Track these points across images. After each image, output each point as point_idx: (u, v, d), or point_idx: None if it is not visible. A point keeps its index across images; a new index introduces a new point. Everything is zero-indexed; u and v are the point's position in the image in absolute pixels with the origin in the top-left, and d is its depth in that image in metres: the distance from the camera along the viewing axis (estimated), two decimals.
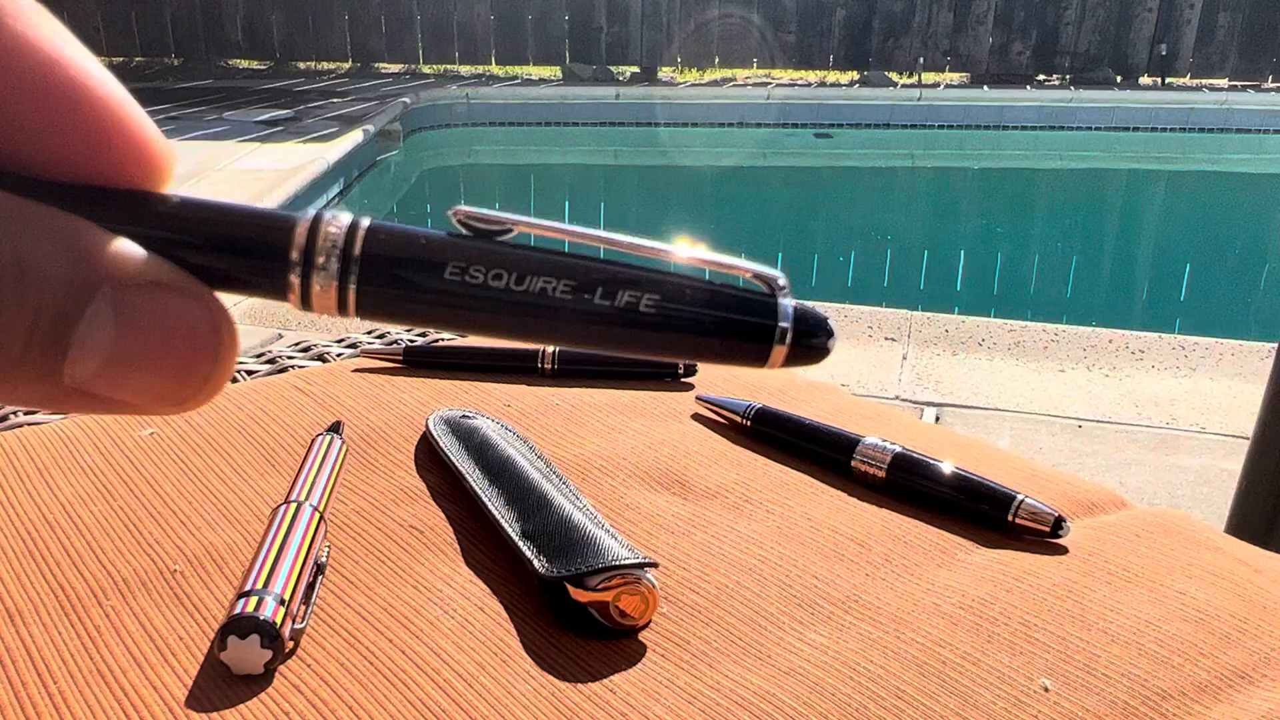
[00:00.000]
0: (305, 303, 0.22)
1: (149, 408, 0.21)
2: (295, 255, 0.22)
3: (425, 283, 0.22)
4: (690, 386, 0.95)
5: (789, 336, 0.23)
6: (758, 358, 0.24)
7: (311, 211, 0.22)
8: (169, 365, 0.21)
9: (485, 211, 0.23)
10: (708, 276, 0.24)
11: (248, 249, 0.22)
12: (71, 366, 0.20)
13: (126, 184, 0.22)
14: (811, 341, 0.23)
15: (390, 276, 0.22)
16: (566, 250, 0.23)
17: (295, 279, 0.22)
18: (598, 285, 0.23)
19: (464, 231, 0.23)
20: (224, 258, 0.22)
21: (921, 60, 10.22)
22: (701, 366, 0.96)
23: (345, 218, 0.22)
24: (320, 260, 0.22)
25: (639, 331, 0.23)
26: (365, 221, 0.22)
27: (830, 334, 0.24)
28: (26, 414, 0.92)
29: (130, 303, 0.20)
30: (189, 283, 0.21)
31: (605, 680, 0.56)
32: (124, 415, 0.24)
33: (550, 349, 0.96)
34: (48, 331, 0.20)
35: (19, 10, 0.20)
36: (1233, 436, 2.95)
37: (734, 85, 10.19)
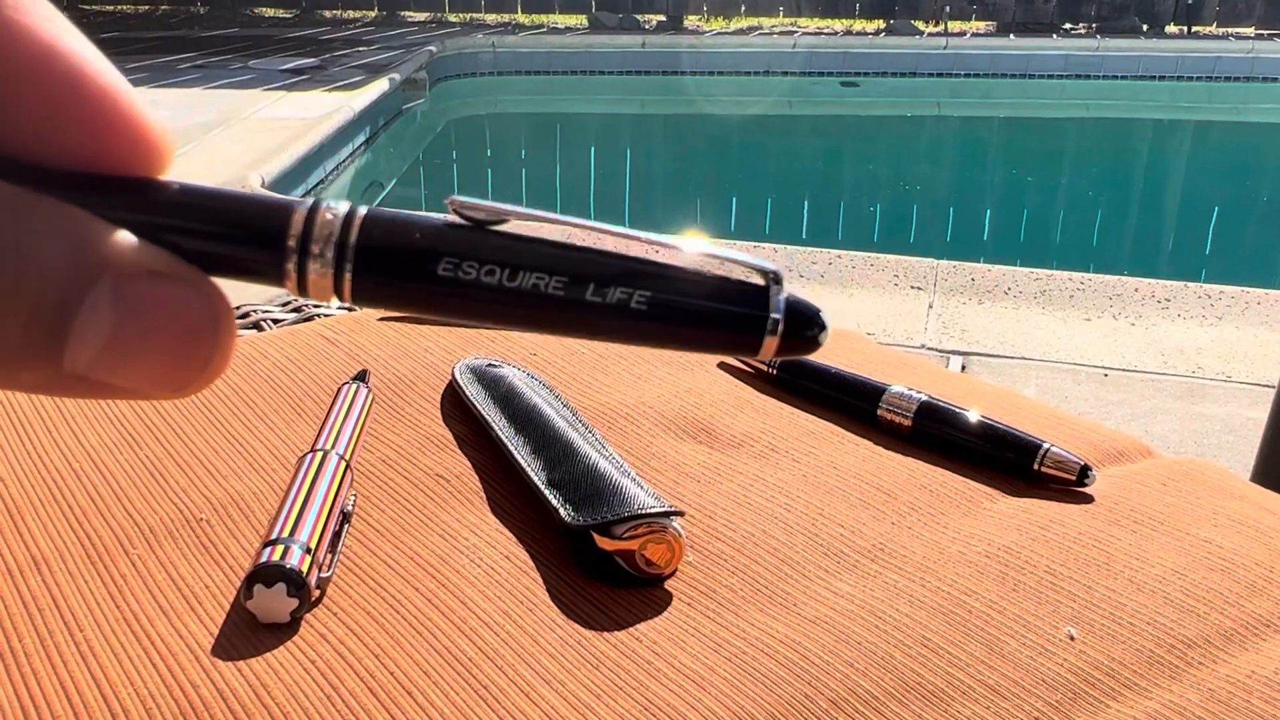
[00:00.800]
0: (301, 289, 0.22)
1: (148, 393, 0.22)
2: (292, 243, 0.22)
3: (419, 275, 0.23)
4: None
5: (780, 328, 0.23)
6: (750, 348, 0.24)
7: (309, 200, 0.22)
8: (168, 352, 0.21)
9: (480, 202, 0.23)
10: (704, 265, 0.24)
11: (245, 236, 0.22)
12: (71, 354, 0.20)
13: (125, 171, 0.22)
14: (804, 333, 0.24)
15: (385, 267, 0.22)
16: (560, 242, 0.23)
17: (292, 267, 0.22)
18: (590, 281, 0.23)
19: (460, 221, 0.23)
20: (221, 245, 0.22)
21: (948, 9, 10.15)
22: None
23: (343, 206, 0.22)
24: (316, 249, 0.22)
25: (632, 324, 0.23)
26: (361, 210, 0.22)
27: (822, 326, 0.24)
28: None
29: (129, 291, 0.21)
30: (187, 270, 0.22)
31: (631, 629, 0.56)
32: (123, 399, 0.22)
33: None
34: (48, 320, 0.20)
35: (31, 8, 0.21)
36: (1258, 385, 2.94)
37: (760, 33, 10.14)
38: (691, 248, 0.24)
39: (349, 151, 6.91)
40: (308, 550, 0.57)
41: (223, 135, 6.60)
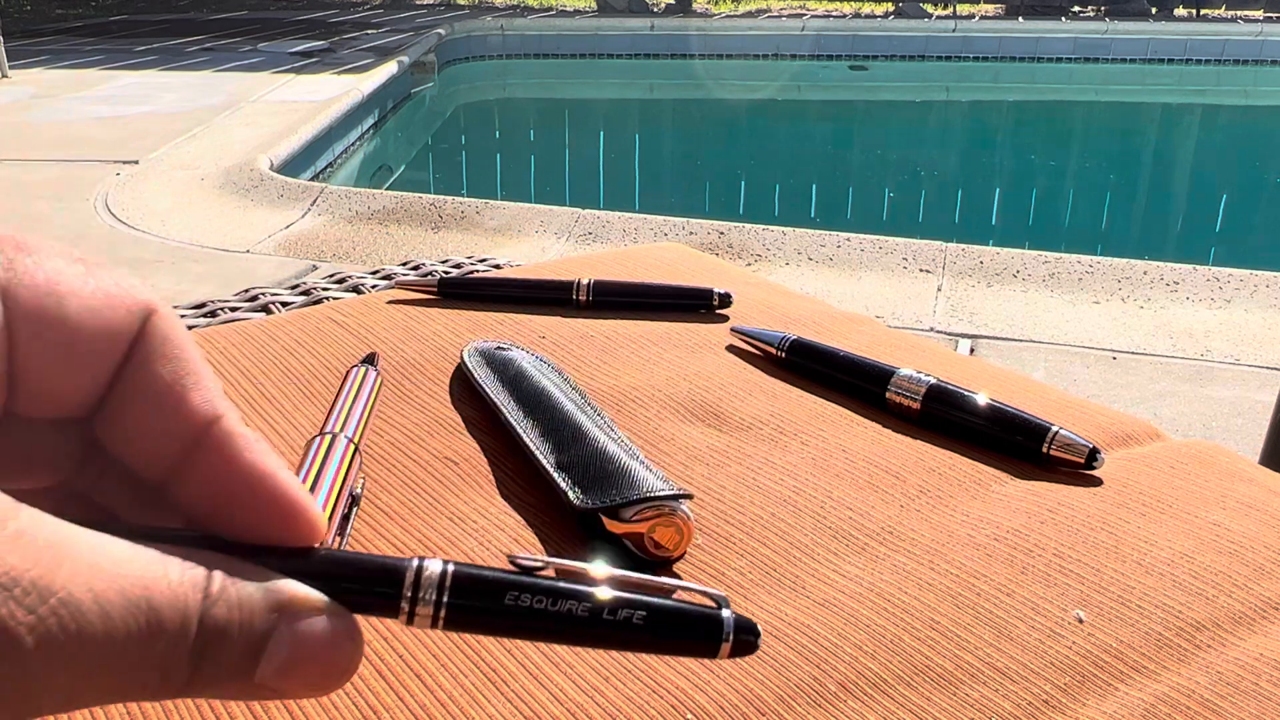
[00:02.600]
0: (410, 621, 0.32)
1: (302, 695, 0.31)
2: (407, 592, 0.31)
3: (492, 608, 0.32)
4: (725, 318, 0.95)
5: (731, 638, 0.33)
6: (711, 652, 0.34)
7: (415, 561, 0.32)
8: (324, 666, 0.30)
9: (529, 558, 0.34)
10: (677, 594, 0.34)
11: (375, 586, 0.31)
12: (261, 670, 0.29)
13: (299, 544, 0.31)
14: (745, 638, 0.34)
15: (469, 605, 0.32)
16: (585, 578, 0.34)
17: (405, 605, 0.31)
18: (604, 607, 0.33)
19: (515, 569, 0.33)
20: (360, 592, 0.31)
21: None
22: (736, 299, 0.96)
23: (437, 565, 0.32)
24: (423, 595, 0.31)
25: (633, 634, 0.33)
26: (451, 568, 0.32)
27: (758, 634, 0.34)
28: None
29: (302, 624, 0.29)
30: (338, 609, 0.30)
31: None
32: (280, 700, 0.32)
33: (585, 280, 0.95)
34: (249, 647, 0.28)
35: (249, 442, 0.31)
36: (1267, 368, 2.93)
37: (769, 16, 10.13)
38: (661, 583, 0.34)
39: (357, 135, 6.92)
40: None
41: (231, 118, 6.61)
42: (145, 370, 0.31)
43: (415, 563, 0.32)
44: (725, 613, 0.34)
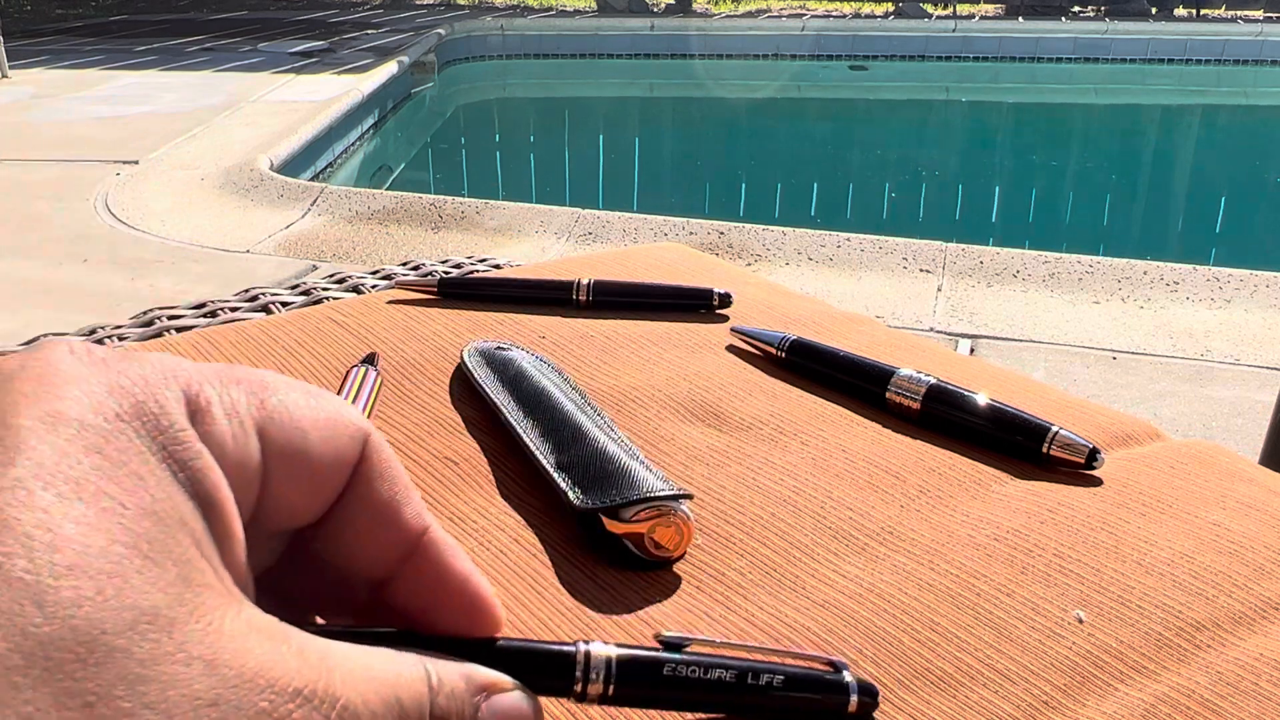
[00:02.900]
0: (581, 698, 0.38)
1: None
2: (579, 673, 0.38)
3: (654, 681, 0.40)
4: (724, 318, 0.95)
5: (856, 697, 0.44)
6: (841, 708, 0.44)
7: (583, 645, 0.39)
8: None
9: (675, 634, 0.40)
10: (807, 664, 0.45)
11: (550, 669, 0.38)
12: None
13: (486, 635, 0.37)
14: (866, 699, 0.45)
15: (634, 681, 0.39)
16: (726, 651, 0.42)
17: (578, 686, 0.38)
18: (748, 673, 0.40)
19: (661, 646, 0.40)
20: (537, 673, 0.37)
21: None
22: (736, 299, 0.96)
23: (604, 649, 0.39)
24: (594, 675, 0.38)
25: (771, 697, 0.41)
26: (617, 651, 0.39)
27: (876, 694, 0.46)
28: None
29: (496, 701, 0.35)
30: (521, 687, 0.35)
31: (639, 612, 0.56)
32: None
33: (585, 280, 0.96)
34: None
35: (453, 550, 0.37)
36: (1267, 368, 2.94)
37: (769, 16, 10.14)
38: (796, 653, 0.44)
39: (357, 135, 6.92)
40: None
41: (231, 118, 6.61)
42: (366, 488, 0.36)
43: (583, 646, 0.39)
44: (847, 676, 0.45)
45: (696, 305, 0.96)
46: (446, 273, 1.12)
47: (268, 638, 0.29)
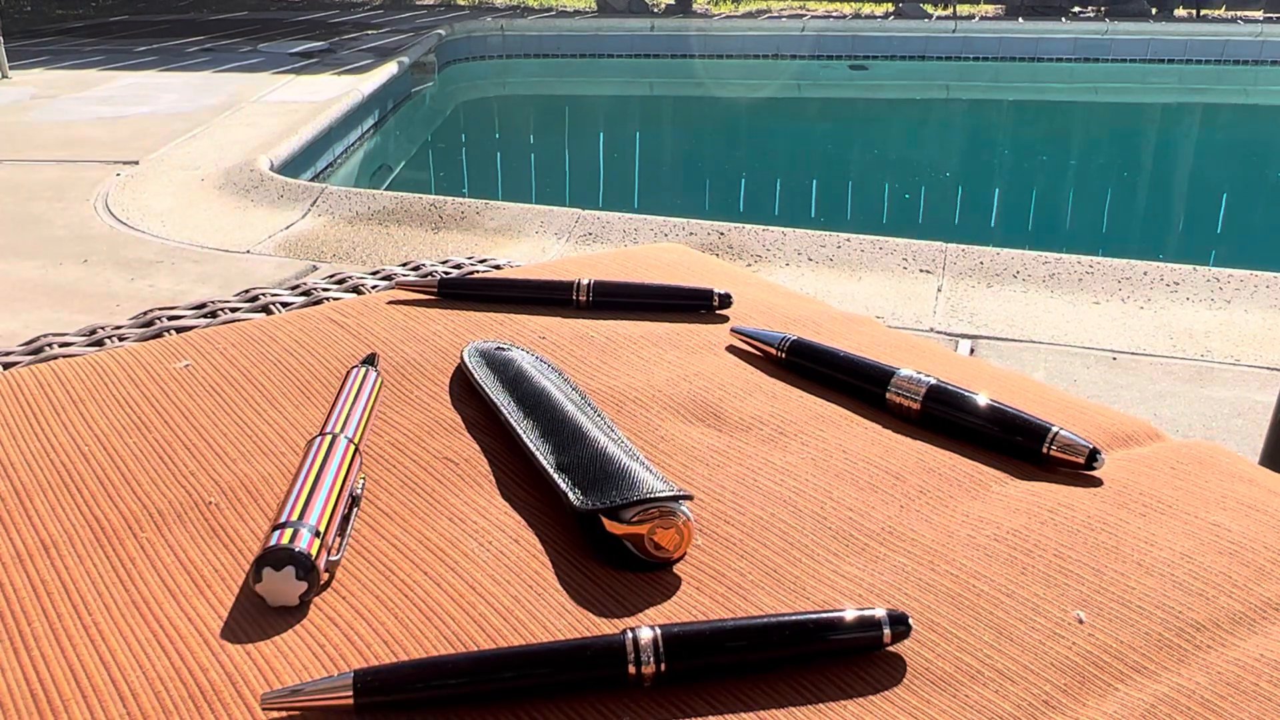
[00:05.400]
0: (637, 684, 0.42)
1: None
2: (631, 670, 0.42)
3: (705, 645, 0.45)
4: (725, 319, 0.95)
5: (888, 632, 0.50)
6: (875, 644, 0.50)
7: (630, 633, 0.43)
8: None
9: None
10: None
11: (603, 661, 0.43)
12: None
13: None
14: (899, 628, 0.50)
15: (691, 657, 0.44)
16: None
17: (632, 670, 0.41)
18: (787, 627, 0.45)
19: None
20: (588, 668, 0.42)
21: None
22: (736, 300, 0.96)
23: (646, 633, 0.45)
24: (645, 656, 0.42)
25: (815, 641, 0.47)
26: (657, 631, 0.44)
27: (907, 620, 0.51)
28: (60, 346, 0.92)
29: None
30: None
31: (640, 613, 0.56)
32: None
33: (585, 280, 0.95)
34: None
35: None
36: (1267, 369, 2.93)
37: (769, 17, 10.13)
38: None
39: (357, 135, 6.91)
40: (316, 534, 0.57)
41: (232, 118, 6.60)
42: None
43: (629, 634, 0.42)
44: (879, 611, 0.49)
45: (696, 306, 0.96)
46: (446, 273, 1.12)
47: None
